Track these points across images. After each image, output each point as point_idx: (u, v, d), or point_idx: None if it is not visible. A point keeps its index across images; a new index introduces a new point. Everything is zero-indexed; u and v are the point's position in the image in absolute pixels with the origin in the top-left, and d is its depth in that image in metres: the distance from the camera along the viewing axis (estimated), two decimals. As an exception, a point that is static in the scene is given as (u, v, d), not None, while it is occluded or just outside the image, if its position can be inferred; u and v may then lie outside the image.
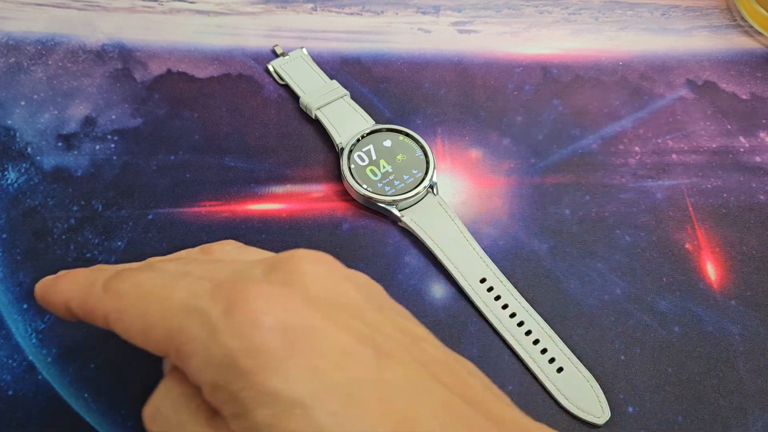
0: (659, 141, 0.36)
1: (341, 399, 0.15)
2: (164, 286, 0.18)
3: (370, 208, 0.33)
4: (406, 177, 0.32)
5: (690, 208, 0.33)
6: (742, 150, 0.36)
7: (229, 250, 0.22)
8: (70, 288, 0.20)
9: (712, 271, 0.31)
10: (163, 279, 0.18)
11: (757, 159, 0.35)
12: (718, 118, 0.37)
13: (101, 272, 0.20)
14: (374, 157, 0.33)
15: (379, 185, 0.32)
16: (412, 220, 0.32)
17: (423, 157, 0.33)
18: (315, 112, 0.35)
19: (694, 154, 0.35)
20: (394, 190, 0.32)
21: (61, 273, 0.22)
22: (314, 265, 0.18)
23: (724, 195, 0.34)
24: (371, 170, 0.33)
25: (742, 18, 0.42)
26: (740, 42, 0.41)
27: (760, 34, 0.41)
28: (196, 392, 0.17)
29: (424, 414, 0.16)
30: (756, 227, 0.33)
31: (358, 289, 0.19)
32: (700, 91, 0.38)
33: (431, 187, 0.32)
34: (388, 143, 0.33)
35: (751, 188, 0.34)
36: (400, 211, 0.32)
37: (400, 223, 0.32)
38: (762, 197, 0.34)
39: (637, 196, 0.34)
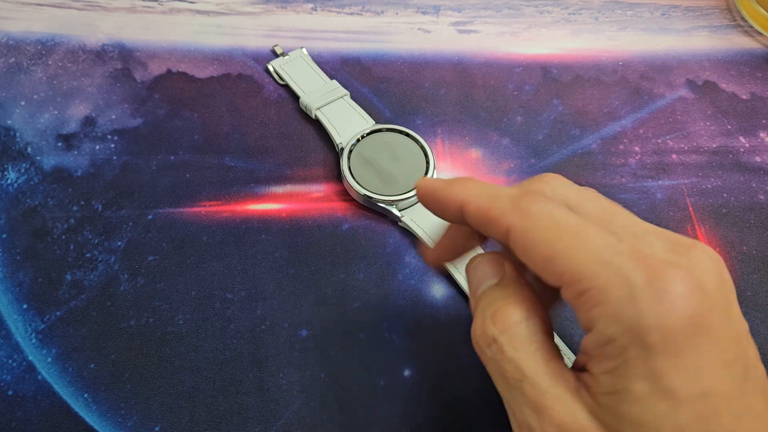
0: (659, 141, 0.36)
1: (703, 409, 0.16)
2: (577, 226, 0.18)
3: (370, 207, 0.33)
4: (405, 177, 0.32)
5: (690, 208, 0.33)
6: (742, 150, 0.36)
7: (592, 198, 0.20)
8: (468, 192, 0.21)
9: (712, 271, 0.31)
10: (575, 219, 0.18)
11: (757, 159, 0.35)
12: (718, 118, 0.37)
13: (501, 188, 0.21)
14: (374, 157, 0.33)
15: (379, 185, 0.32)
16: (412, 220, 0.32)
17: (423, 156, 0.33)
18: (315, 112, 0.35)
19: (694, 154, 0.35)
20: (393, 190, 0.32)
21: (450, 179, 0.22)
22: (711, 261, 0.18)
23: (724, 195, 0.34)
24: (371, 170, 0.33)
25: (742, 18, 0.42)
26: (740, 42, 0.41)
27: (760, 34, 0.41)
28: (540, 332, 0.19)
29: None
30: (756, 227, 0.33)
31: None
32: (700, 91, 0.38)
33: None
34: (388, 143, 0.33)
35: (751, 188, 0.34)
36: (400, 210, 0.32)
37: (400, 223, 0.32)
38: (762, 197, 0.34)
39: (637, 196, 0.34)
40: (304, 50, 0.38)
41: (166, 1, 0.41)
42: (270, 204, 0.33)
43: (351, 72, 0.38)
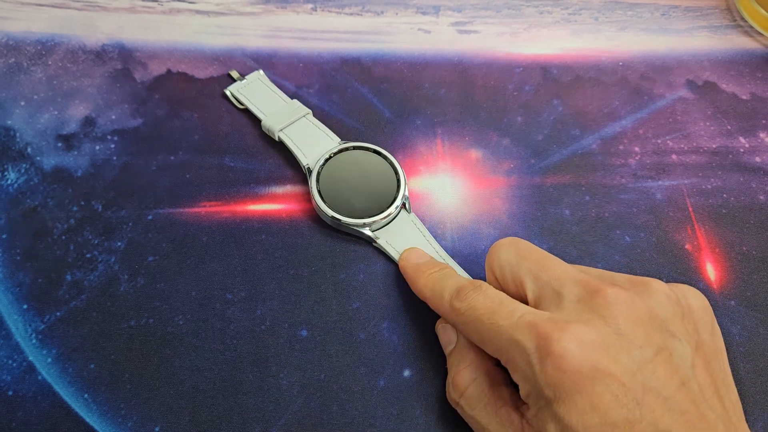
0: (659, 141, 0.36)
1: None
2: (492, 310, 0.24)
3: (343, 231, 0.32)
4: (377, 196, 0.31)
5: (690, 209, 0.33)
6: (742, 150, 0.36)
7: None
8: (425, 289, 0.27)
9: (711, 271, 0.31)
10: (490, 302, 0.24)
11: (757, 159, 0.35)
12: (718, 119, 0.37)
13: (445, 282, 0.26)
14: (344, 177, 0.32)
15: (350, 206, 0.31)
16: (387, 242, 0.31)
17: (393, 174, 0.32)
18: (278, 134, 0.34)
19: (694, 154, 0.35)
20: (364, 211, 0.31)
21: (420, 265, 0.29)
22: (618, 305, 0.22)
23: (724, 195, 0.34)
24: (341, 191, 0.31)
25: (742, 18, 0.42)
26: (740, 42, 0.41)
27: (760, 34, 0.41)
28: (486, 387, 0.25)
29: None
30: (756, 227, 0.33)
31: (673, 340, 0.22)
32: (700, 91, 0.38)
33: (404, 205, 0.32)
34: (356, 162, 0.32)
35: (751, 188, 0.34)
36: (373, 232, 0.31)
37: (375, 245, 0.31)
38: (762, 197, 0.34)
39: (637, 197, 0.34)
40: (261, 72, 0.37)
41: (166, 1, 0.41)
42: (270, 204, 0.33)
43: (351, 72, 0.38)
